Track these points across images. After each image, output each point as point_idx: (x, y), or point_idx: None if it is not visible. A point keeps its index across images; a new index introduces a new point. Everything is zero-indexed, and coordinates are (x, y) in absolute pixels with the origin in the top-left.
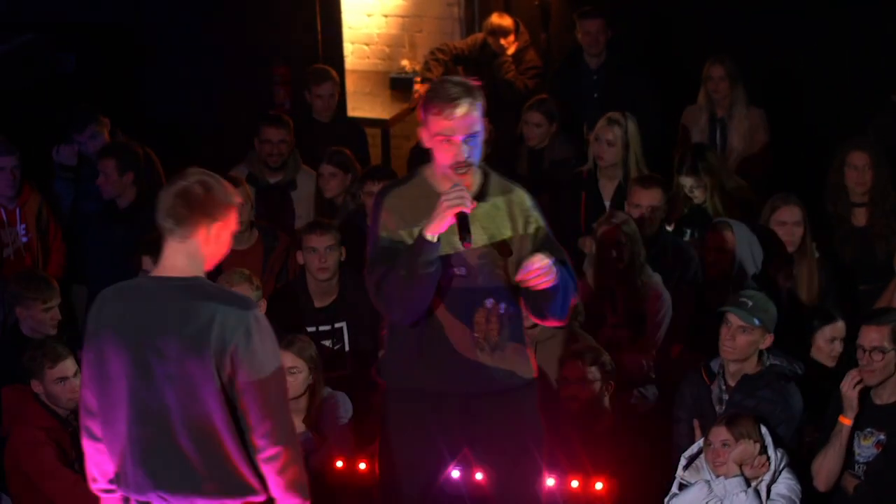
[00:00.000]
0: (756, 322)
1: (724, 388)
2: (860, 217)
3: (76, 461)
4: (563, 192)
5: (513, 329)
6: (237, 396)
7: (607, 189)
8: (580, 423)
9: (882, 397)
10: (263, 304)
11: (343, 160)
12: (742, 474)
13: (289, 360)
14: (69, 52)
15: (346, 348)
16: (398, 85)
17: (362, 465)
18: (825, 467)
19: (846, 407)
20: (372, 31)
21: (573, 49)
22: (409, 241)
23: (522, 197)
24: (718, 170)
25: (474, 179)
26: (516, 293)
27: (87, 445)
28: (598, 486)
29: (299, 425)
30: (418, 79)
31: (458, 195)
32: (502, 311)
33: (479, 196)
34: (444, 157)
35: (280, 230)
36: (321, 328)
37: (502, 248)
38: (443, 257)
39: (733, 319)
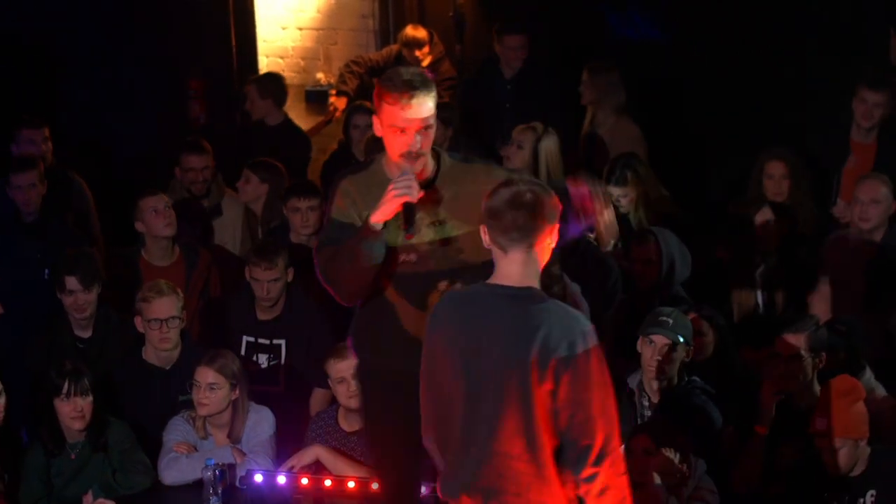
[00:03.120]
0: (680, 339)
1: (647, 404)
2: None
3: (3, 475)
4: None
5: None
6: (558, 410)
7: None
8: None
9: (798, 404)
10: (185, 315)
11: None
12: (662, 483)
13: (209, 376)
14: None
15: (282, 363)
16: (313, 98)
17: (281, 479)
18: (743, 474)
19: (762, 415)
20: (287, 44)
21: (486, 59)
22: (359, 225)
23: (487, 169)
24: (646, 181)
25: (427, 167)
26: (476, 274)
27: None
28: (375, 486)
29: (223, 440)
30: (333, 91)
31: (405, 184)
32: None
33: (431, 184)
34: (395, 146)
35: (202, 247)
36: (260, 340)
37: (445, 237)
38: (391, 244)
39: (658, 340)
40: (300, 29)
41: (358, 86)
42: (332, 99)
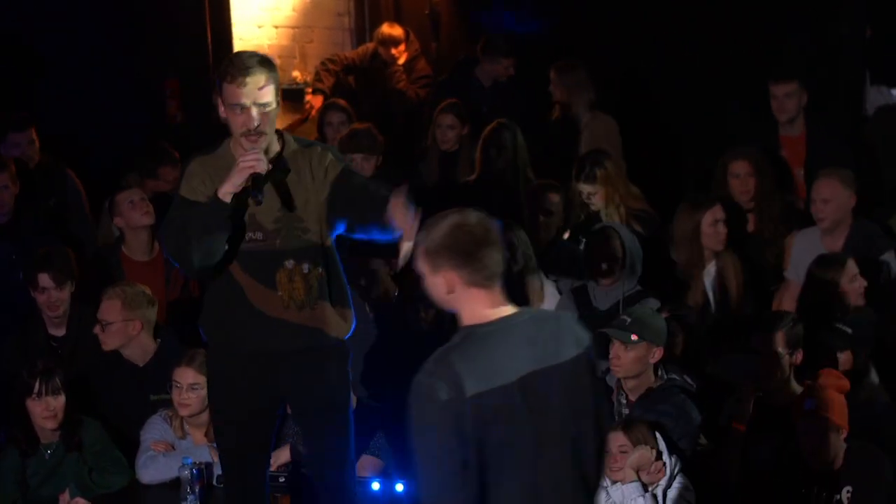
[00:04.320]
0: (633, 339)
1: (624, 402)
2: (749, 224)
3: None
4: (450, 201)
5: (323, 289)
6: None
7: (495, 197)
8: None
9: (776, 401)
10: (153, 311)
11: None
12: (638, 479)
13: (190, 376)
14: None
15: None
16: (289, 96)
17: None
18: (721, 471)
19: (740, 412)
20: (263, 43)
21: (462, 60)
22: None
23: (322, 153)
24: (616, 178)
25: (271, 147)
26: (324, 253)
27: None
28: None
29: (201, 439)
30: (309, 90)
31: (253, 157)
32: (306, 272)
33: (276, 161)
34: (236, 124)
35: None
36: None
37: (288, 203)
38: (238, 223)
39: (613, 339)
40: (276, 27)
41: (334, 84)
42: (308, 97)
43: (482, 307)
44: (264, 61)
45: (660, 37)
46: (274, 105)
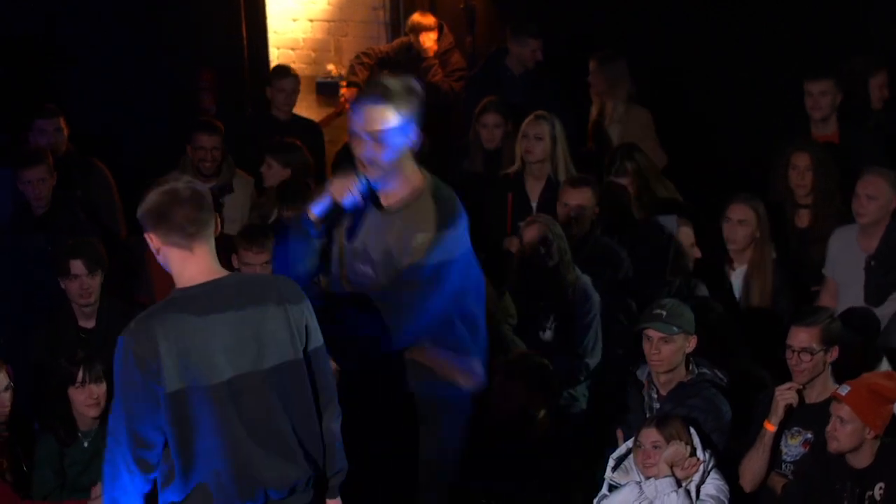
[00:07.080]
0: (675, 330)
1: (655, 396)
2: (803, 218)
3: (7, 472)
4: (490, 193)
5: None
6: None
7: (534, 190)
8: (513, 434)
9: (810, 396)
10: None
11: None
12: (672, 475)
13: None
14: None
15: None
16: (324, 89)
17: None
18: (751, 469)
19: (772, 413)
20: (297, 36)
21: (494, 53)
22: None
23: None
24: (647, 171)
25: (399, 190)
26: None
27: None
28: None
29: None
30: (344, 83)
31: (342, 184)
32: None
33: (398, 203)
34: (355, 152)
35: None
36: None
37: None
38: (350, 252)
39: (653, 334)
40: (311, 21)
41: (368, 77)
42: (343, 91)
43: (187, 269)
44: (394, 93)
45: (692, 30)
46: (397, 139)
